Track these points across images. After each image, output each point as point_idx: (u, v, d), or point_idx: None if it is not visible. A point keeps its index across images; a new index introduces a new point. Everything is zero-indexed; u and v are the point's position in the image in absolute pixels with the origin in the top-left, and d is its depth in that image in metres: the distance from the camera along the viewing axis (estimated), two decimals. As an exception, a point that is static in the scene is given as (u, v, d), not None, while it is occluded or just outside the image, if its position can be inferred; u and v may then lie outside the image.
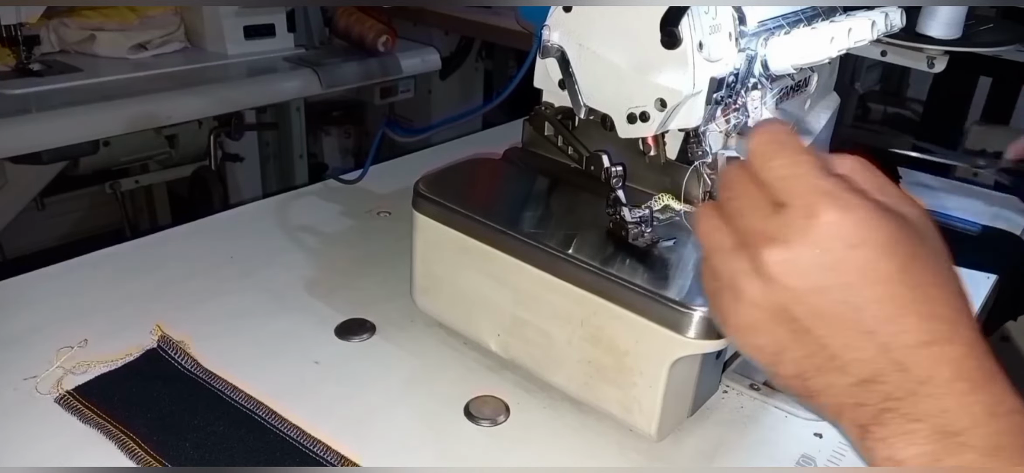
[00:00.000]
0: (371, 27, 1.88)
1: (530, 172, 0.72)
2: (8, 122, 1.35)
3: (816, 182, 0.35)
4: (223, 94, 1.65)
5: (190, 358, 0.64)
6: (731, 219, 0.37)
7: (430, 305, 0.70)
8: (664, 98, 0.57)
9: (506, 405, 0.62)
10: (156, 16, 1.76)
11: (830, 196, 0.34)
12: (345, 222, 0.92)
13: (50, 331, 0.67)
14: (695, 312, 0.52)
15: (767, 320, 0.36)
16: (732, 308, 0.37)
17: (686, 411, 0.61)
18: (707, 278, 0.39)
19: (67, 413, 0.58)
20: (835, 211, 0.34)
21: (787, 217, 0.35)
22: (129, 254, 0.82)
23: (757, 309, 0.36)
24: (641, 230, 0.59)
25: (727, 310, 0.37)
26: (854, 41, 0.66)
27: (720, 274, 0.38)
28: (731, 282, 0.37)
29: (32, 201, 1.75)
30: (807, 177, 0.35)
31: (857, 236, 0.33)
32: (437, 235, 0.65)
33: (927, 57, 0.93)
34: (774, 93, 0.71)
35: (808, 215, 0.34)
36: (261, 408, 0.59)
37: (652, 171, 0.65)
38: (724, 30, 0.58)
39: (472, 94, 2.56)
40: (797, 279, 0.34)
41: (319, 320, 0.71)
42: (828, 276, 0.34)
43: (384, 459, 0.56)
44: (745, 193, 0.37)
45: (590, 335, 0.58)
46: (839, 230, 0.34)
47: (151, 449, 0.55)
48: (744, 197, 0.37)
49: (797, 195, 0.35)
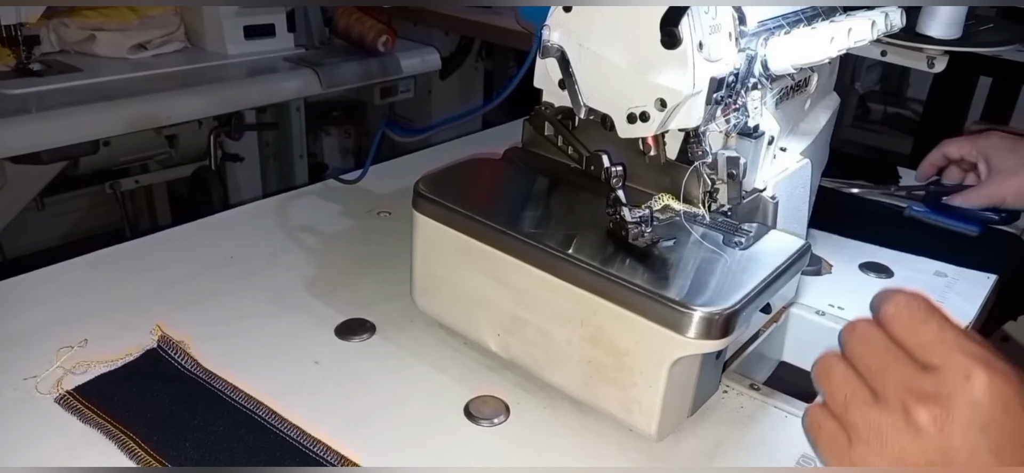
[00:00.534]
0: (371, 27, 1.88)
1: (530, 172, 0.72)
2: (8, 122, 1.35)
3: (969, 347, 0.38)
4: (223, 94, 1.65)
5: (190, 358, 0.64)
6: (871, 374, 0.40)
7: (430, 305, 0.70)
8: (664, 98, 0.57)
9: (506, 405, 0.62)
10: (156, 16, 1.75)
11: (985, 361, 0.37)
12: (345, 222, 0.92)
13: (50, 331, 0.67)
14: (695, 312, 0.52)
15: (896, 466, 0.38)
16: (874, 457, 0.39)
17: (686, 411, 0.61)
18: (829, 426, 0.41)
19: (67, 413, 0.58)
20: (990, 374, 0.37)
21: (941, 376, 0.38)
22: (129, 254, 0.82)
23: (903, 462, 0.38)
24: (641, 230, 0.59)
25: (865, 459, 0.39)
26: (854, 41, 0.66)
27: (856, 426, 0.40)
28: (873, 434, 0.39)
29: (32, 201, 1.75)
30: (959, 341, 0.38)
31: (1012, 400, 0.37)
32: (437, 235, 0.65)
33: (927, 57, 0.93)
34: (774, 93, 0.71)
35: (965, 376, 0.37)
36: (261, 408, 0.59)
37: (652, 171, 0.65)
38: (724, 30, 0.58)
39: (472, 94, 2.56)
40: (952, 436, 0.37)
41: (319, 320, 0.71)
42: (982, 436, 0.36)
43: (384, 459, 0.56)
44: (887, 351, 0.40)
45: (590, 335, 0.58)
46: (994, 392, 0.37)
47: (151, 449, 0.55)
48: (887, 354, 0.40)
49: (951, 358, 0.38)
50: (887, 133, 3.15)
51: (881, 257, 0.89)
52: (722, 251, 0.60)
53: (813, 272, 0.83)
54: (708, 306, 0.52)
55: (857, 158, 1.28)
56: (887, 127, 3.20)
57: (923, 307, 0.40)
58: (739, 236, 0.62)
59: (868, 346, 0.40)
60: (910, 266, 0.87)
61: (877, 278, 0.85)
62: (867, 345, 0.41)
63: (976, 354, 0.38)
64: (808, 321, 0.76)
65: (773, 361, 0.78)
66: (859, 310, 0.78)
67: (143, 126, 1.54)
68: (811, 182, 0.77)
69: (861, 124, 3.21)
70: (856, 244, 0.91)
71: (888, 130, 3.17)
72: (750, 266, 0.59)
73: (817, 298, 0.79)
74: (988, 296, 0.82)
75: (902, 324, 0.40)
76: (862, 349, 0.41)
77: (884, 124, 3.23)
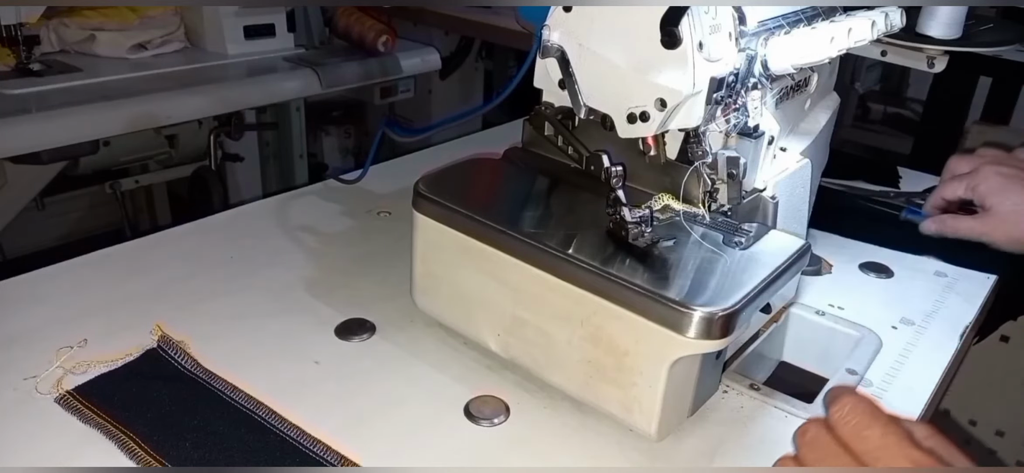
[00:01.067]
0: (371, 27, 1.88)
1: (530, 172, 0.72)
2: (8, 122, 1.35)
3: (908, 452, 0.41)
4: (223, 94, 1.65)
5: (190, 358, 0.64)
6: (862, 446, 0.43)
7: (430, 305, 0.70)
8: (664, 98, 0.57)
9: (506, 405, 0.62)
10: (156, 16, 1.75)
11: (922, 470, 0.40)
12: (345, 222, 0.92)
13: (50, 331, 0.67)
14: (695, 312, 0.52)
15: None
16: None
17: (686, 411, 0.61)
18: None
19: (67, 413, 0.58)
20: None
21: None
22: (129, 254, 0.82)
23: None
24: (641, 230, 0.59)
25: None
26: (854, 41, 0.66)
27: None
28: None
29: (32, 201, 1.75)
30: (900, 446, 0.41)
31: None
32: (437, 235, 0.65)
33: (927, 57, 0.93)
34: (774, 93, 0.71)
35: None
36: (261, 408, 0.59)
37: (652, 171, 0.65)
38: (724, 30, 0.58)
39: (472, 94, 2.56)
40: None
41: (319, 320, 0.71)
42: None
43: (384, 458, 0.56)
44: (837, 458, 0.43)
45: (590, 335, 0.58)
46: None
47: (151, 449, 0.55)
48: (833, 460, 0.43)
49: (893, 464, 0.41)
50: (887, 133, 3.15)
51: (881, 257, 0.89)
52: (722, 251, 0.60)
53: (813, 272, 0.83)
54: (708, 306, 0.52)
55: (857, 158, 1.28)
56: (887, 127, 3.20)
57: (867, 412, 0.43)
58: (739, 236, 0.62)
59: (820, 454, 0.44)
60: (910, 266, 0.87)
61: (877, 278, 0.85)
62: (819, 453, 0.44)
63: (915, 459, 0.41)
64: (808, 321, 0.76)
65: (773, 361, 0.78)
66: (858, 310, 0.78)
67: (143, 126, 1.54)
68: (811, 182, 0.77)
69: (861, 124, 3.21)
70: (856, 244, 0.91)
71: (888, 130, 3.17)
72: (750, 266, 0.59)
73: (817, 298, 0.79)
74: (988, 296, 0.82)
75: (848, 430, 0.43)
76: (815, 457, 0.44)
77: (884, 124, 3.23)
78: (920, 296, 0.81)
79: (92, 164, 1.64)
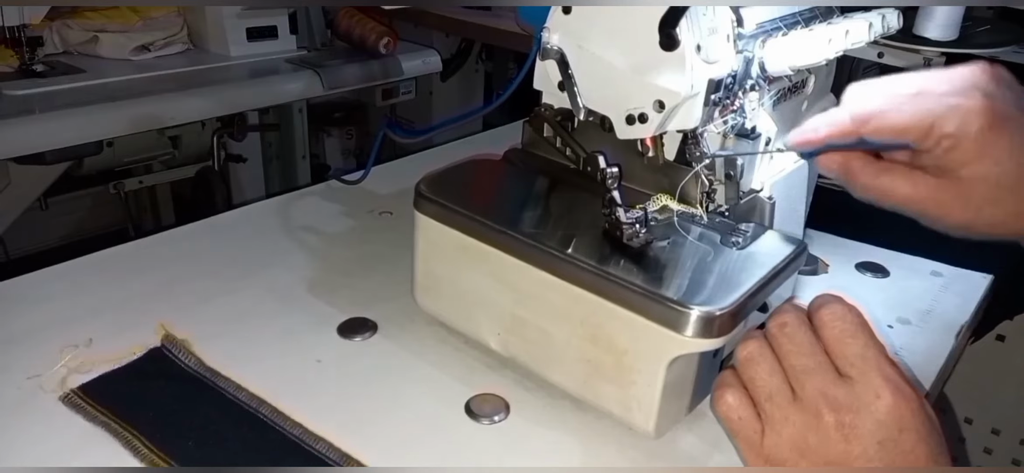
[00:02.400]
0: (372, 29, 1.89)
1: (530, 173, 0.72)
2: (12, 123, 1.36)
3: (885, 369, 0.43)
4: (226, 95, 1.66)
5: (193, 357, 0.65)
6: (794, 374, 0.45)
7: (431, 304, 0.70)
8: (662, 99, 0.57)
9: (506, 403, 0.63)
10: (159, 17, 1.76)
11: (895, 384, 0.42)
12: (347, 222, 0.93)
13: (54, 330, 0.67)
14: (692, 311, 0.53)
15: (798, 458, 0.44)
16: (782, 446, 0.44)
17: (684, 409, 0.61)
18: (746, 414, 0.46)
19: (71, 411, 0.58)
20: (896, 398, 0.42)
21: (856, 390, 0.43)
22: (133, 254, 0.83)
23: (805, 455, 0.43)
24: (636, 231, 0.60)
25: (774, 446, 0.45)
26: (851, 43, 0.67)
27: (773, 418, 0.45)
28: (786, 427, 0.44)
29: (36, 201, 1.76)
30: (878, 362, 0.43)
31: (908, 423, 0.42)
32: (438, 235, 0.66)
33: (924, 58, 0.94)
34: (771, 94, 0.72)
35: (875, 395, 0.42)
36: (264, 406, 0.60)
37: (650, 172, 0.65)
38: (722, 32, 0.59)
39: (472, 96, 2.56)
40: (852, 445, 0.42)
41: (321, 319, 0.72)
42: (879, 450, 0.42)
43: (385, 456, 0.57)
44: (813, 356, 0.44)
45: (589, 334, 0.58)
46: (895, 414, 0.42)
47: (155, 447, 0.55)
48: (812, 359, 0.44)
49: (868, 376, 0.43)
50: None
51: (878, 257, 0.89)
52: (719, 251, 0.61)
53: (810, 271, 0.84)
54: (705, 305, 0.53)
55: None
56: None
57: (855, 322, 0.44)
58: (736, 236, 0.63)
59: (797, 346, 0.45)
60: (906, 266, 0.88)
61: (874, 277, 0.86)
62: (796, 345, 0.45)
63: (889, 377, 0.43)
64: (806, 321, 0.76)
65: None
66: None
67: (146, 127, 1.54)
68: (808, 183, 0.78)
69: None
70: (853, 244, 0.92)
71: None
72: (747, 266, 0.59)
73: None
74: (984, 297, 0.83)
75: (833, 334, 0.44)
76: (791, 348, 0.45)
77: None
78: (916, 296, 0.82)
79: (96, 164, 1.65)
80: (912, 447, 0.42)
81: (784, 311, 0.47)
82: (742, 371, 0.47)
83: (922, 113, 0.44)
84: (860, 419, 0.42)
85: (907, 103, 0.45)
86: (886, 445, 0.42)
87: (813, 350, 0.44)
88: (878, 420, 0.42)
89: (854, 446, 0.42)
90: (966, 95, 0.44)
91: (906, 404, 0.42)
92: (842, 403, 0.43)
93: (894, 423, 0.42)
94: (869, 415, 0.42)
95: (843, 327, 0.44)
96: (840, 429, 0.42)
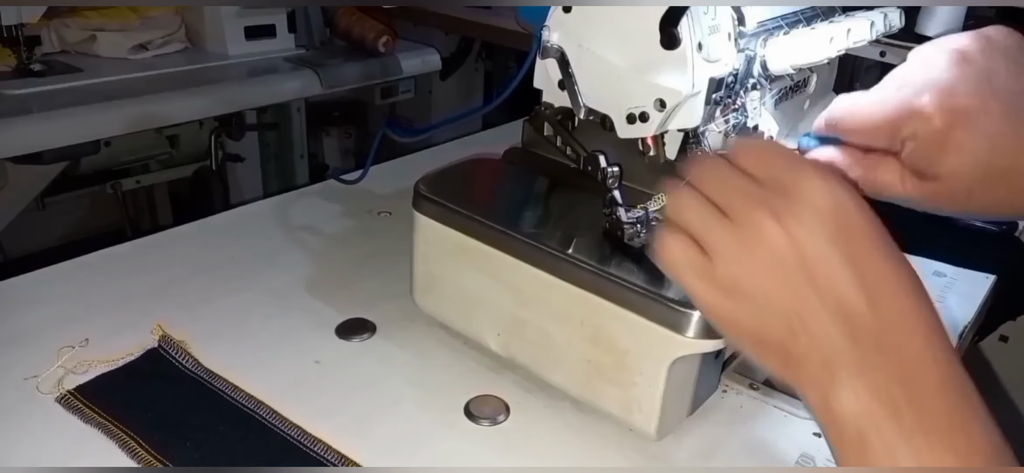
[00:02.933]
0: (371, 28, 1.89)
1: (530, 172, 0.72)
2: (9, 122, 1.35)
3: (814, 167, 0.40)
4: (224, 94, 1.65)
5: (191, 358, 0.64)
6: (721, 197, 0.41)
7: (430, 305, 0.70)
8: (663, 98, 0.57)
9: (506, 404, 0.62)
10: (157, 17, 1.76)
11: (824, 173, 0.39)
12: (346, 222, 0.92)
13: (51, 331, 0.67)
14: (694, 312, 0.52)
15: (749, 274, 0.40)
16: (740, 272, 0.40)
17: (686, 410, 0.61)
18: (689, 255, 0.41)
19: (68, 413, 0.58)
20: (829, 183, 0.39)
21: (788, 191, 0.39)
22: (130, 254, 0.82)
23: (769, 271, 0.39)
24: (637, 230, 0.60)
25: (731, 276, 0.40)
26: (853, 41, 0.66)
27: (716, 247, 0.40)
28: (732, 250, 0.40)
29: (33, 201, 1.75)
30: (804, 165, 0.40)
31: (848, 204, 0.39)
32: (437, 235, 0.65)
33: (926, 58, 0.93)
34: (773, 93, 0.72)
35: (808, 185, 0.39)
36: (262, 408, 0.59)
37: (652, 171, 0.65)
38: (723, 31, 0.58)
39: (472, 95, 2.56)
40: (805, 245, 0.38)
41: (320, 320, 0.72)
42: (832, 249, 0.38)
43: (384, 458, 0.56)
44: (736, 177, 0.41)
45: (590, 335, 0.58)
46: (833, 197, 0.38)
47: (152, 449, 0.55)
48: (736, 180, 0.41)
49: (796, 176, 0.39)
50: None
51: (880, 257, 0.89)
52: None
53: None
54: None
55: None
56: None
57: (775, 146, 0.42)
58: (738, 236, 0.62)
59: (716, 175, 0.41)
60: (909, 266, 0.87)
61: (876, 278, 0.85)
62: (716, 174, 0.41)
63: (818, 170, 0.39)
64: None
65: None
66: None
67: (144, 126, 1.54)
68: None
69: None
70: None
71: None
72: (749, 266, 0.59)
73: (816, 298, 0.79)
74: (987, 297, 0.82)
75: (753, 157, 0.41)
76: (713, 182, 0.41)
77: (884, 124, 3.23)
78: (919, 296, 0.81)
79: (93, 164, 1.64)
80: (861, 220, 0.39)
81: (700, 159, 0.44)
82: (676, 220, 0.42)
83: (887, 113, 0.45)
84: (800, 215, 0.38)
85: (876, 105, 0.46)
86: (837, 240, 0.38)
87: (734, 174, 0.41)
88: (818, 210, 0.38)
89: (808, 247, 0.38)
90: (923, 92, 0.44)
91: (842, 187, 0.39)
92: (776, 207, 0.39)
93: (835, 208, 0.38)
94: (807, 208, 0.38)
95: (761, 149, 0.41)
96: (784, 232, 0.38)
